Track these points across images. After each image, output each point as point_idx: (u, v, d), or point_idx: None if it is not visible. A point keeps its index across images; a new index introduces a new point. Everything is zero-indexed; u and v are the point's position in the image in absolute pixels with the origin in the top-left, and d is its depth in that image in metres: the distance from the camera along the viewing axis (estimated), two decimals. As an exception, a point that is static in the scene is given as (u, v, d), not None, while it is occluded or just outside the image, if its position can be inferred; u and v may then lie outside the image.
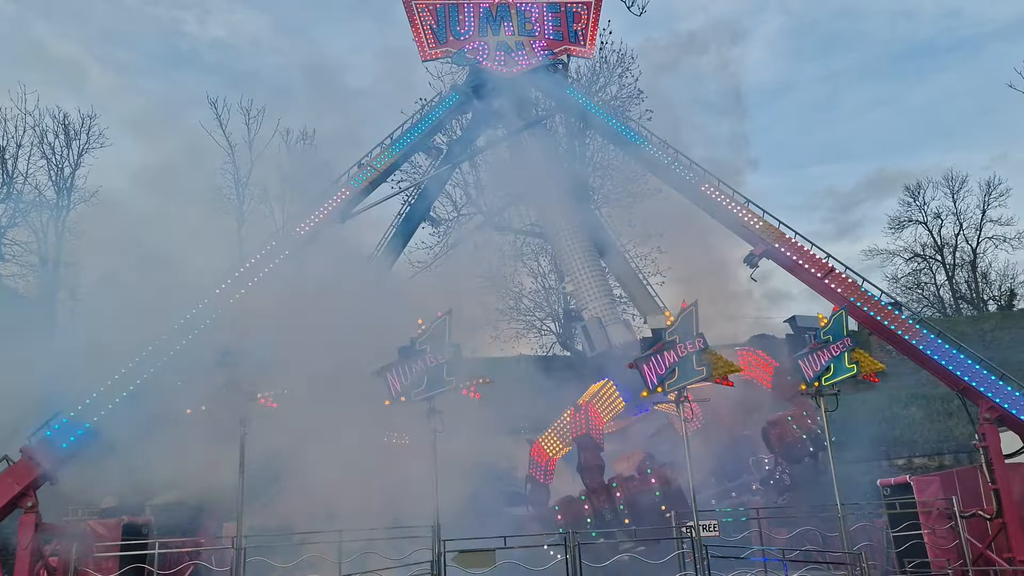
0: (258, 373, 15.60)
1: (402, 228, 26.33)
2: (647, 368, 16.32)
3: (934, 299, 49.42)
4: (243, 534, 15.28)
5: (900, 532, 17.96)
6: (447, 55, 25.40)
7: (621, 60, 39.69)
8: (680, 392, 16.26)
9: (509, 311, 39.61)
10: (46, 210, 39.96)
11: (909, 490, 18.27)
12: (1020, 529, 17.60)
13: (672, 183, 24.13)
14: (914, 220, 50.31)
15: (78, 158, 41.25)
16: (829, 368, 18.09)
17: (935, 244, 49.93)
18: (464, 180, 39.03)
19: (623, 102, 38.15)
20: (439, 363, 15.83)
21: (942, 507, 17.95)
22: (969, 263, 49.32)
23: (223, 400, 15.63)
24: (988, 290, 49.55)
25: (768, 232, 21.59)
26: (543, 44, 25.23)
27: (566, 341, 39.80)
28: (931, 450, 25.79)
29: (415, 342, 16.03)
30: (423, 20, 24.76)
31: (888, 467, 23.03)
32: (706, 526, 15.80)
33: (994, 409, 18.56)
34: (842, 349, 18.27)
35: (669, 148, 23.47)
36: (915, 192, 50.27)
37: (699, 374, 16.24)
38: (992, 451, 18.25)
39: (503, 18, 25.06)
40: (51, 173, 40.69)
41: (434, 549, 14.94)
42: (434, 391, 15.72)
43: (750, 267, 22.04)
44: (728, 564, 16.85)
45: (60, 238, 39.92)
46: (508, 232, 38.63)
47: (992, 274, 49.59)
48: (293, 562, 16.89)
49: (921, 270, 50.17)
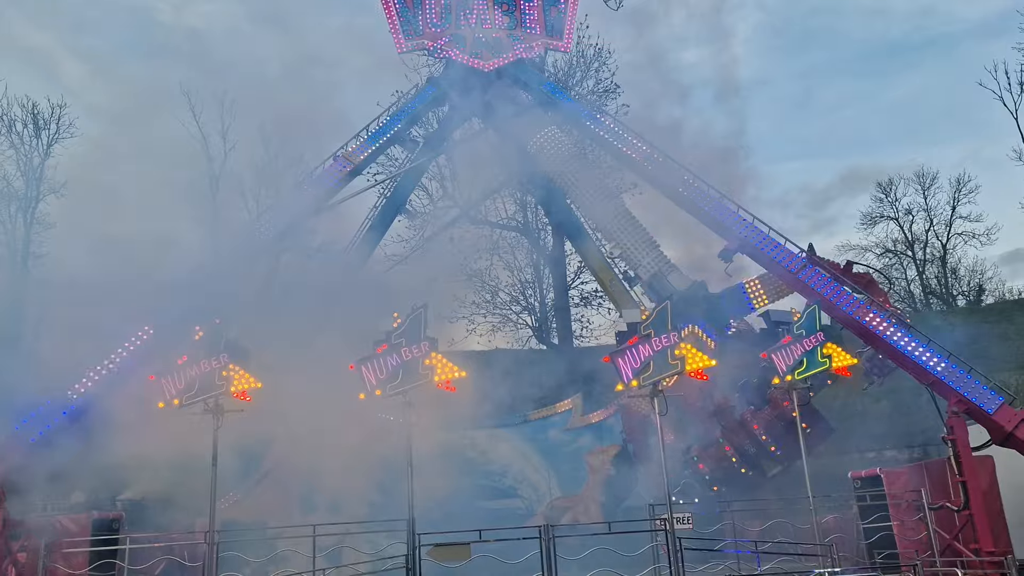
0: (235, 360, 15.51)
1: (378, 221, 26.18)
2: (622, 362, 16.37)
3: (905, 294, 50.07)
4: (216, 528, 15.15)
5: (870, 524, 18.20)
6: (423, 47, 25.25)
7: (598, 55, 39.74)
8: (654, 385, 16.33)
9: (485, 304, 39.60)
10: (14, 201, 39.30)
11: (879, 482, 18.51)
12: (986, 521, 17.88)
13: (647, 178, 24.21)
14: (886, 216, 50.95)
15: (47, 148, 40.60)
16: (802, 362, 18.31)
17: (906, 240, 50.62)
18: (440, 173, 38.90)
19: (599, 96, 38.21)
20: (414, 357, 15.79)
21: (911, 499, 18.21)
22: (939, 259, 50.05)
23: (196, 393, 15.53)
24: (957, 285, 50.36)
25: (741, 227, 21.73)
26: (520, 37, 25.15)
27: (542, 335, 39.88)
28: (901, 443, 26.16)
29: (391, 336, 15.97)
30: (399, 12, 24.58)
31: (859, 460, 23.28)
32: (680, 519, 15.91)
33: (962, 403, 18.82)
34: (815, 343, 18.51)
35: (643, 144, 23.52)
36: (887, 188, 50.90)
37: (673, 368, 16.32)
38: (960, 444, 18.50)
39: (480, 11, 24.94)
40: (19, 163, 40.01)
41: (409, 543, 14.89)
42: (409, 385, 15.68)
43: (725, 262, 22.16)
44: (701, 556, 17.00)
45: (28, 229, 39.29)
46: (484, 225, 38.57)
47: (961, 270, 50.40)
48: (267, 556, 16.81)
49: (892, 265, 50.82)
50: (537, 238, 39.39)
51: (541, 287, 40.60)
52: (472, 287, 38.85)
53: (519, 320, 40.58)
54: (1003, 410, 18.71)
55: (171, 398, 15.71)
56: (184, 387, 15.72)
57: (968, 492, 18.05)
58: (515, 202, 38.74)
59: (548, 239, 38.99)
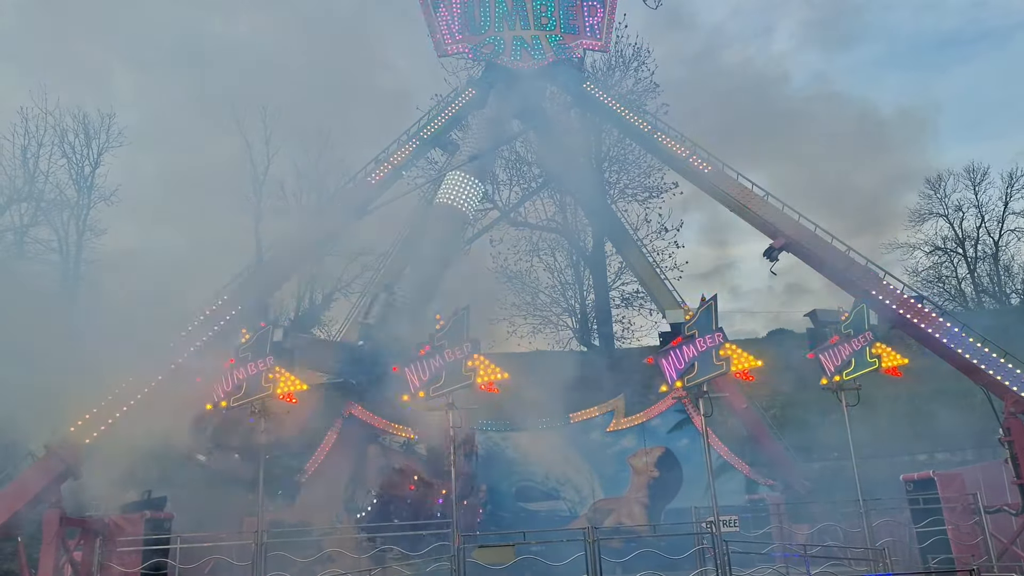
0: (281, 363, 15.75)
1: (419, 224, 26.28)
2: (666, 363, 16.23)
3: (956, 293, 48.77)
4: (263, 529, 15.36)
5: (923, 528, 17.77)
6: (463, 51, 25.34)
7: (637, 54, 39.50)
8: (699, 387, 16.15)
9: (526, 306, 39.56)
10: (67, 208, 40.34)
11: (932, 485, 18.08)
12: (1046, 525, 17.38)
13: (689, 177, 23.99)
14: (935, 213, 49.69)
15: (98, 157, 41.58)
16: (850, 362, 17.95)
17: (956, 237, 49.30)
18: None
19: (639, 96, 37.95)
20: (457, 358, 15.84)
21: (966, 502, 17.75)
22: (991, 256, 48.67)
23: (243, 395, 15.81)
24: (1010, 283, 48.87)
25: (787, 225, 21.42)
26: (559, 39, 25.10)
27: (583, 336, 39.71)
28: (954, 445, 25.52)
29: (433, 338, 16.05)
30: (439, 16, 24.71)
31: (910, 462, 22.80)
32: (726, 521, 15.72)
33: (1019, 403, 18.32)
34: (863, 343, 18.13)
35: (687, 141, 23.33)
36: (936, 184, 49.63)
37: (718, 368, 16.13)
38: (1017, 445, 18.01)
39: (519, 13, 24.95)
40: (71, 172, 41.06)
41: (454, 543, 14.92)
42: (453, 386, 15.73)
43: (770, 261, 21.85)
44: (749, 560, 16.76)
45: (81, 236, 40.29)
46: (524, 227, 38.57)
47: (1015, 267, 48.88)
48: (313, 556, 16.99)
49: (942, 263, 49.54)
50: (577, 239, 39.26)
51: (581, 288, 40.44)
52: (512, 289, 38.86)
53: (560, 322, 40.48)
54: (1062, 411, 18.16)
55: (219, 400, 16.03)
56: (232, 389, 16.02)
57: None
58: (555, 203, 38.68)
59: (588, 240, 38.84)
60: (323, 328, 42.97)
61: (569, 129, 24.93)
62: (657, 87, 38.36)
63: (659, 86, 38.29)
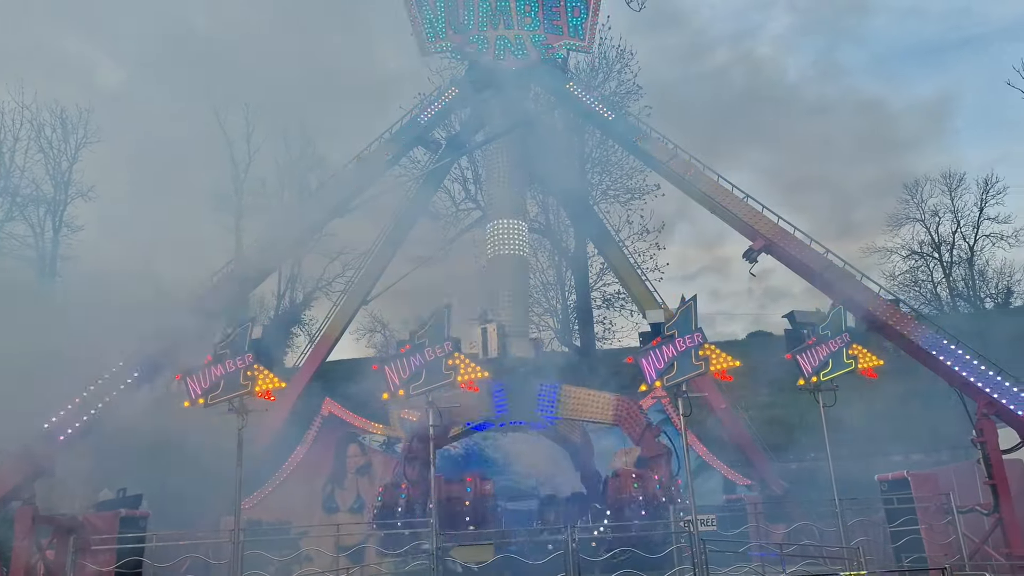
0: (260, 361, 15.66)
1: (400, 222, 26.28)
2: (646, 363, 16.30)
3: (931, 296, 49.34)
4: (240, 527, 15.27)
5: (897, 527, 17.96)
6: (446, 50, 25.32)
7: (620, 56, 39.64)
8: (678, 387, 16.24)
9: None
10: (43, 204, 39.87)
11: (907, 486, 18.26)
12: (1017, 524, 17.60)
13: (671, 179, 24.11)
14: (912, 217, 50.26)
15: (75, 152, 41.12)
16: (827, 363, 18.11)
17: (932, 242, 49.90)
18: (462, 175, 38.99)
19: (622, 98, 38.11)
20: (437, 357, 15.82)
21: (940, 502, 17.97)
22: (966, 261, 49.29)
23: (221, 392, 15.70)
24: (985, 288, 49.48)
25: (767, 227, 21.58)
26: (543, 39, 25.13)
27: (564, 337, 39.78)
28: (929, 446, 25.82)
29: (414, 336, 16.03)
30: (423, 14, 24.68)
31: (885, 463, 23.02)
32: (704, 520, 15.81)
33: (992, 405, 18.54)
34: (840, 344, 18.30)
35: (668, 144, 23.45)
36: (913, 189, 50.21)
37: (697, 368, 16.23)
38: (990, 446, 18.24)
39: (503, 13, 24.97)
40: (48, 167, 40.58)
41: (433, 542, 14.91)
42: (432, 385, 15.72)
43: (749, 262, 22.01)
44: (726, 559, 16.87)
45: (57, 232, 39.85)
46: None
47: (989, 272, 49.50)
48: (291, 555, 16.91)
49: (919, 268, 50.13)
50: (559, 240, 39.34)
51: (563, 289, 40.52)
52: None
53: (541, 322, 40.52)
54: (1034, 412, 18.42)
55: (196, 397, 15.90)
56: (209, 386, 15.89)
57: (998, 495, 17.79)
58: (537, 203, 38.72)
59: (570, 241, 38.94)
60: (303, 327, 42.87)
61: (552, 130, 24.94)
62: (640, 89, 38.59)
63: (642, 88, 38.51)
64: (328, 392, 24.31)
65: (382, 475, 23.40)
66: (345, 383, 24.73)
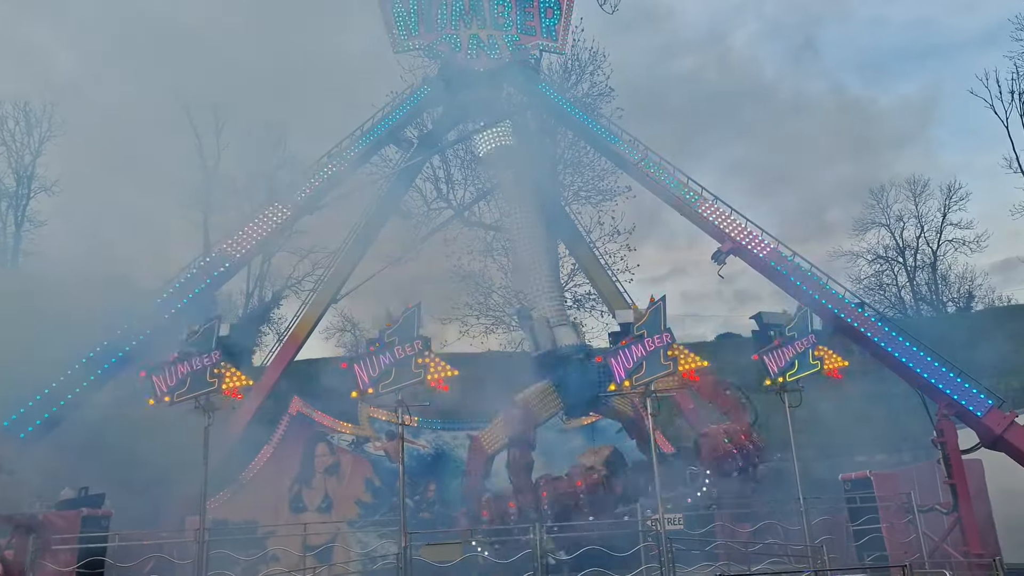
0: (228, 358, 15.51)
1: (371, 221, 26.14)
2: (615, 362, 16.41)
3: (896, 300, 50.30)
4: (206, 527, 15.11)
5: (860, 526, 18.27)
6: (419, 48, 25.24)
7: (593, 57, 39.84)
8: (647, 386, 16.37)
9: (479, 307, 39.58)
10: (4, 198, 39.13)
11: (869, 485, 18.58)
12: (975, 523, 17.99)
13: (642, 180, 24.26)
14: (877, 222, 51.16)
15: (39, 146, 40.40)
16: (793, 364, 18.35)
17: (897, 246, 50.85)
18: (434, 174, 38.91)
19: (594, 99, 38.29)
20: (407, 355, 15.78)
21: (901, 501, 18.30)
22: (929, 265, 50.29)
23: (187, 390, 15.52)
24: (947, 292, 50.56)
25: (735, 229, 21.82)
26: (516, 39, 25.16)
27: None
28: (891, 447, 26.24)
29: (384, 334, 15.97)
30: (395, 11, 24.57)
31: (849, 462, 23.36)
32: (671, 519, 15.95)
33: (952, 406, 18.94)
34: (806, 346, 18.56)
35: (639, 145, 23.60)
36: (879, 195, 51.12)
37: (666, 368, 16.37)
38: (949, 447, 18.64)
39: (476, 12, 24.95)
40: (11, 160, 39.81)
41: (400, 542, 14.87)
42: (402, 383, 15.68)
43: (718, 264, 22.22)
44: (692, 557, 17.02)
45: (19, 227, 39.14)
46: (478, 227, 38.58)
47: (951, 276, 50.62)
48: (257, 555, 16.77)
49: (884, 272, 51.05)
50: (531, 240, 39.31)
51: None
52: (466, 289, 38.86)
53: (512, 322, 40.52)
54: (992, 413, 18.85)
55: (162, 395, 15.69)
56: (175, 384, 15.70)
57: (957, 495, 18.18)
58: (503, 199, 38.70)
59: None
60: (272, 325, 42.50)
61: (524, 130, 24.97)
62: (612, 91, 38.80)
63: (614, 90, 38.73)
64: (296, 391, 24.12)
65: (351, 475, 23.31)
66: (314, 382, 24.61)
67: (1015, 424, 18.69)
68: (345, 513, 22.47)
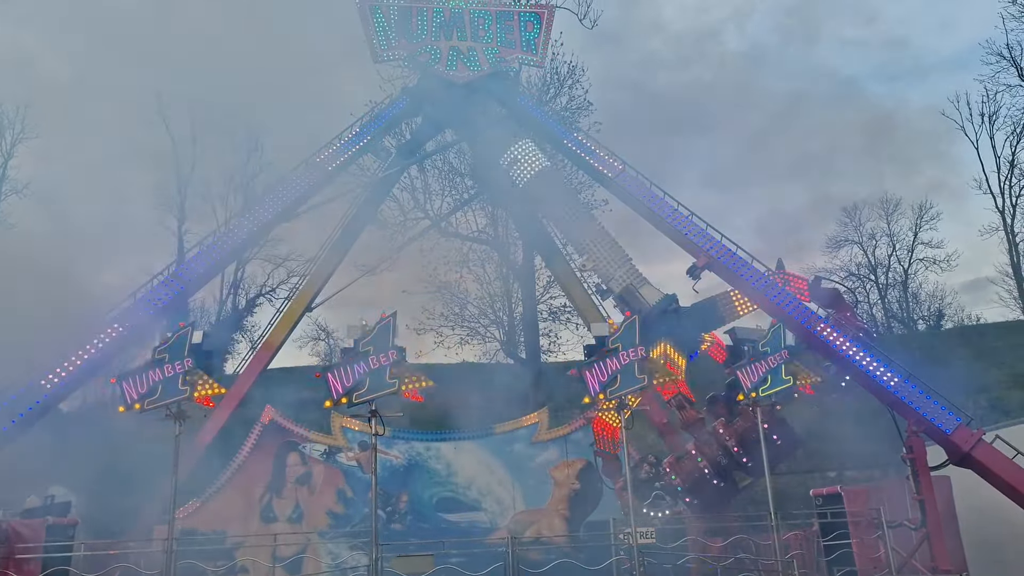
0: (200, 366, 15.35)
1: (348, 230, 26.06)
2: (589, 375, 16.46)
3: (867, 318, 50.83)
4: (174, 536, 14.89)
5: (830, 541, 18.38)
6: (399, 58, 25.27)
7: (572, 72, 40.03)
8: (621, 399, 16.43)
9: (454, 317, 39.48)
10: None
11: (840, 500, 18.71)
12: (943, 540, 18.18)
13: (618, 194, 24.41)
14: (850, 240, 51.83)
15: (11, 148, 39.83)
16: (766, 379, 18.51)
17: (869, 264, 51.52)
18: (412, 184, 38.82)
19: (573, 113, 38.46)
20: (382, 365, 15.71)
21: (870, 517, 18.46)
22: (901, 283, 51.01)
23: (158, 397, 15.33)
24: (918, 310, 51.30)
25: (710, 245, 21.99)
26: (496, 51, 25.26)
27: (510, 349, 39.83)
28: (862, 463, 26.52)
29: (358, 343, 15.89)
30: (376, 22, 24.58)
31: (820, 478, 23.61)
32: (643, 533, 15.98)
33: (921, 422, 19.16)
34: (779, 361, 18.73)
35: (616, 159, 23.75)
36: (852, 213, 51.81)
37: (640, 382, 16.45)
38: (918, 463, 18.83)
39: (456, 24, 25.03)
40: (-18, 163, 39.20)
41: (372, 554, 14.76)
42: (376, 393, 15.59)
43: (693, 279, 22.36)
44: (664, 571, 17.07)
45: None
46: (455, 238, 38.52)
47: (922, 295, 51.38)
48: (226, 565, 16.55)
49: (856, 289, 51.64)
50: (507, 252, 39.41)
51: (510, 301, 40.58)
52: (441, 299, 38.76)
53: (487, 333, 40.51)
54: (960, 430, 19.07)
55: (132, 402, 15.47)
56: (146, 391, 15.50)
57: (926, 511, 18.37)
58: (486, 215, 38.77)
59: (518, 253, 39.04)
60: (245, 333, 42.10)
61: (502, 142, 25.05)
62: (591, 105, 38.99)
63: (592, 104, 38.92)
64: (269, 400, 23.90)
65: (322, 485, 23.12)
66: (287, 391, 24.40)
67: (982, 442, 18.93)
68: (316, 524, 22.28)
